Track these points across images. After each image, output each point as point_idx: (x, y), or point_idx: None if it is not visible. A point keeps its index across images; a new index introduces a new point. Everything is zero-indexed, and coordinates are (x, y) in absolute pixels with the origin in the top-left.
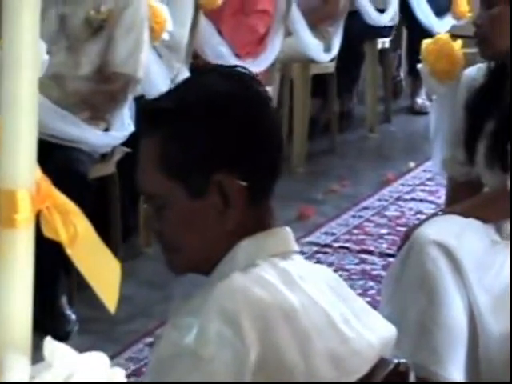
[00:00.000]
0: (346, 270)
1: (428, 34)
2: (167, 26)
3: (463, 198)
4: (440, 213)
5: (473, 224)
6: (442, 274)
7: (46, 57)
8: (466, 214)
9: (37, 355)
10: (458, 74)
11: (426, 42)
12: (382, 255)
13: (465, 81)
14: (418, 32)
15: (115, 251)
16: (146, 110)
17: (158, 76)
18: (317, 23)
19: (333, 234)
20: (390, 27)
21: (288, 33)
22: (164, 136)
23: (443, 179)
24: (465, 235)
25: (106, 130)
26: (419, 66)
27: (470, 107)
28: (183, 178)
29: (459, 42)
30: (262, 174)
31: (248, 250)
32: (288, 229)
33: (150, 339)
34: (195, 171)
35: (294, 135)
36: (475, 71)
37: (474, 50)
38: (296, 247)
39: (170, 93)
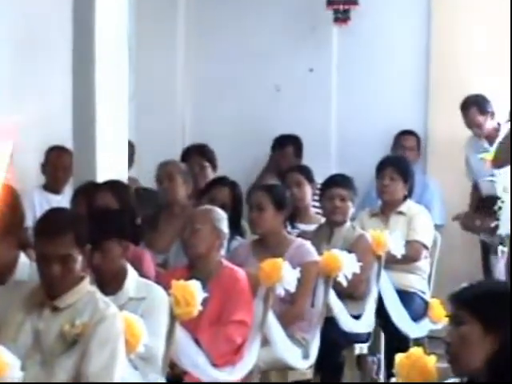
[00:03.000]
0: None
1: (405, 338)
2: (142, 339)
3: None
4: None
5: None
6: None
7: (21, 373)
8: None
9: None
10: None
11: (399, 356)
12: None
13: None
14: (396, 337)
15: None
16: None
17: None
18: (287, 325)
19: None
20: (368, 333)
21: (265, 340)
22: None
23: None
24: None
25: None
26: (393, 379)
27: None
28: None
29: (433, 357)
30: None
31: None
32: None
33: None
34: None
35: None
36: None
37: (446, 365)
38: None
39: None
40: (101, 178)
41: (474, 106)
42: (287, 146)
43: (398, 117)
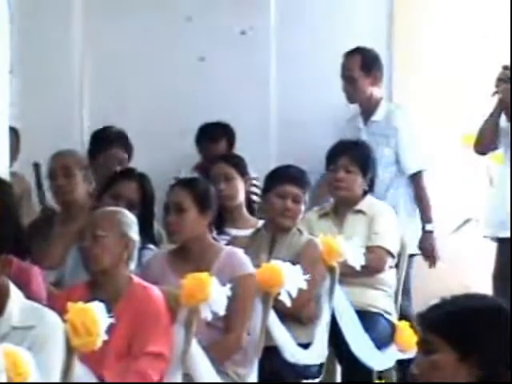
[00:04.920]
0: None
1: (367, 371)
2: (30, 378)
3: None
4: None
5: None
6: None
7: None
8: None
9: None
10: None
11: None
12: None
13: None
14: (355, 369)
15: None
16: None
17: None
18: (221, 360)
19: None
20: (320, 364)
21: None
22: None
23: None
24: None
25: None
26: None
27: None
28: None
29: None
30: None
31: None
32: None
33: None
34: None
35: None
36: None
37: None
38: None
39: None
40: None
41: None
42: (217, 137)
43: None
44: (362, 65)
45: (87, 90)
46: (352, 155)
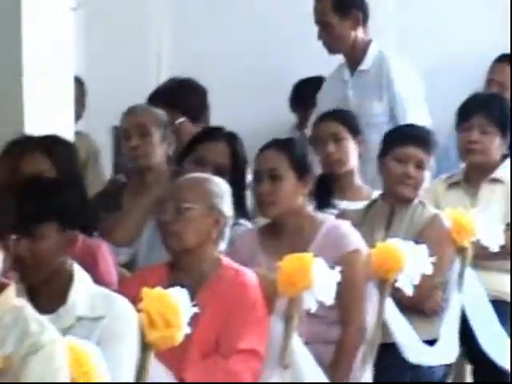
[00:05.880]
0: None
1: (504, 374)
2: (99, 378)
3: None
4: None
5: None
6: None
7: None
8: None
9: None
10: None
11: None
12: None
13: None
14: (489, 372)
15: None
16: None
17: None
18: (348, 363)
19: None
20: (447, 366)
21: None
22: None
23: None
24: None
25: None
26: None
27: None
28: None
29: None
30: None
31: None
32: None
33: None
34: None
35: None
36: None
37: None
38: None
39: None
40: (30, 133)
41: None
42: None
43: None
44: (334, 6)
45: (165, 40)
46: (489, 112)
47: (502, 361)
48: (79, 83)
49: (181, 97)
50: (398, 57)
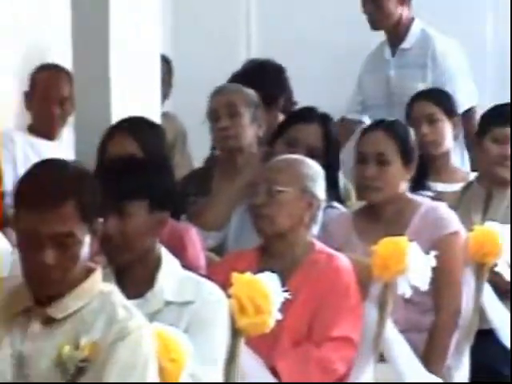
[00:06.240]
0: None
1: None
2: (188, 365)
3: None
4: None
5: None
6: None
7: None
8: None
9: None
10: None
11: None
12: None
13: None
14: None
15: None
16: None
17: None
18: (443, 352)
19: None
20: None
21: (380, 358)
22: None
23: None
24: None
25: None
26: None
27: None
28: None
29: None
30: None
31: None
32: None
33: None
34: None
35: None
36: None
37: None
38: None
39: None
40: (117, 114)
41: None
42: None
43: None
44: None
45: (255, 17)
46: None
47: None
48: (166, 62)
49: (260, 78)
50: (442, 35)
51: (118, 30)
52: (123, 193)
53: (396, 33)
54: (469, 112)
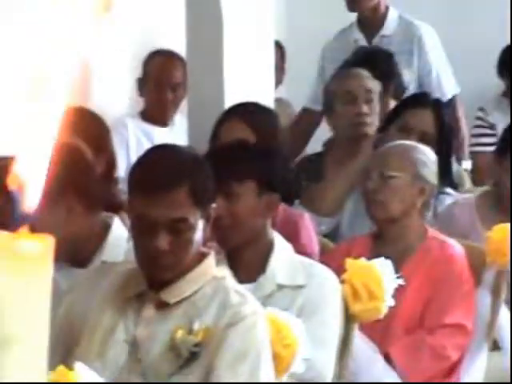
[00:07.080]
0: None
1: None
2: (301, 351)
3: None
4: None
5: None
6: None
7: None
8: None
9: None
10: None
11: None
12: None
13: None
14: None
15: None
16: None
17: None
18: None
19: None
20: None
21: (494, 346)
22: None
23: None
24: None
25: None
26: None
27: None
28: None
29: None
30: None
31: None
32: None
33: None
34: None
35: None
36: None
37: None
38: None
39: None
40: (230, 99)
41: None
42: None
43: None
44: None
45: None
46: None
47: None
48: (279, 47)
49: (372, 64)
50: (421, 22)
51: (232, 16)
52: (231, 174)
53: (373, 18)
54: (452, 100)
